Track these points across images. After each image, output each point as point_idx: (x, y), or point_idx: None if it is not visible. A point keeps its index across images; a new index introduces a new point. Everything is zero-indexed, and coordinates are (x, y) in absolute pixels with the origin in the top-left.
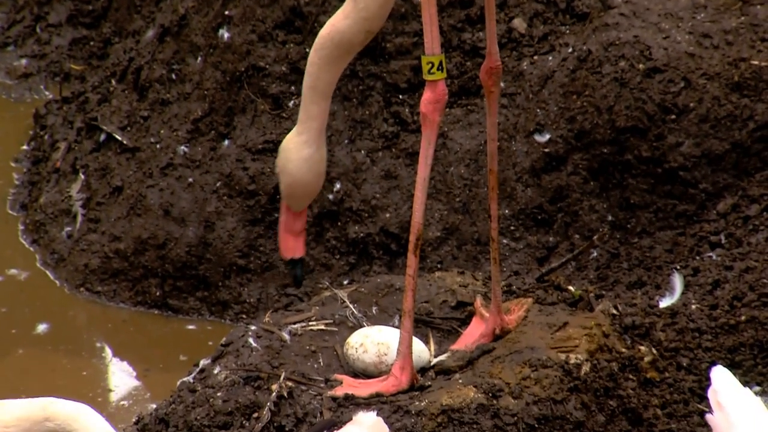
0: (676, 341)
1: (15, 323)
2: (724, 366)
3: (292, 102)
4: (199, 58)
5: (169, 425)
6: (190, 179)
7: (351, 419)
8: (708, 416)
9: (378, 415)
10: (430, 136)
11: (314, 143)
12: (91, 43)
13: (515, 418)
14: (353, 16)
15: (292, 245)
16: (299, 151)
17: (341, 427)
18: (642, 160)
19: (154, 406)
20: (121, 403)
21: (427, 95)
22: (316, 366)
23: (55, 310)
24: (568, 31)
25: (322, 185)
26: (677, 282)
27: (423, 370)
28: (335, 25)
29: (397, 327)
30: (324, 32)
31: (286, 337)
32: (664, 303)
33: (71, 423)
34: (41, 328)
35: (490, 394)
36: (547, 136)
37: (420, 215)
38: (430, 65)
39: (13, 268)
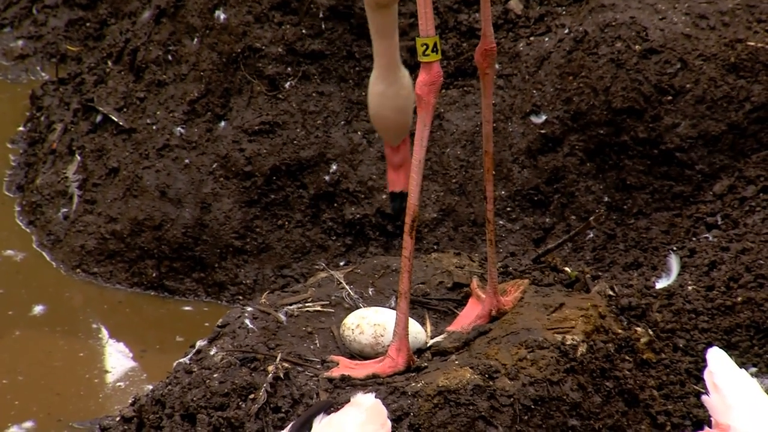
0: (673, 322)
1: (11, 305)
2: (721, 347)
3: (288, 83)
4: (196, 40)
5: (165, 406)
6: (187, 160)
7: (347, 400)
8: (704, 398)
9: (376, 397)
10: (425, 117)
11: (385, 79)
12: (88, 24)
13: (511, 399)
14: None
15: (393, 178)
16: (373, 87)
17: (338, 408)
18: (638, 141)
19: (151, 387)
20: (118, 384)
21: (422, 77)
22: (312, 347)
23: (52, 291)
24: (564, 12)
25: (399, 125)
26: (674, 263)
27: (419, 352)
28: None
29: (393, 308)
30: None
31: (283, 318)
32: (661, 284)
33: None
34: (37, 309)
35: (487, 376)
36: (544, 118)
37: (416, 197)
38: (425, 47)
39: (10, 249)
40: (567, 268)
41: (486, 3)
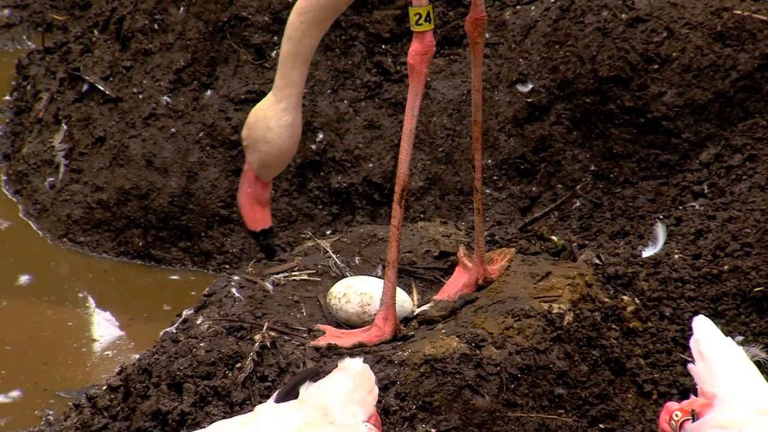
0: (659, 291)
1: None
2: (707, 315)
3: (274, 52)
4: (182, 8)
5: (152, 375)
6: (173, 129)
7: (335, 368)
8: (690, 366)
9: (364, 362)
10: (417, 87)
11: (294, 109)
12: None
13: (498, 367)
14: None
15: (261, 216)
16: (280, 119)
17: (322, 376)
18: (625, 109)
19: (138, 356)
20: (106, 353)
21: (414, 46)
22: (299, 316)
23: (38, 260)
24: None
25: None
26: (660, 232)
27: (406, 320)
28: None
29: (380, 277)
30: None
31: (269, 287)
32: (647, 253)
33: None
34: (24, 279)
35: (473, 344)
36: (530, 86)
37: (406, 166)
38: (418, 16)
39: None
40: (553, 237)
41: None
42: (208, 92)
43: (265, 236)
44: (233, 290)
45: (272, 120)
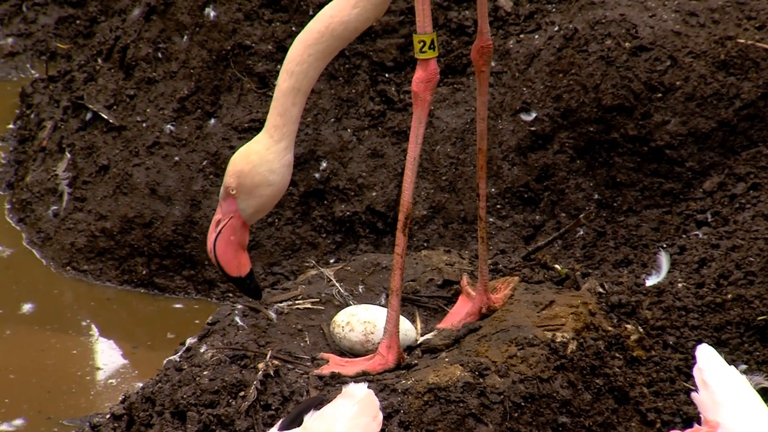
0: (663, 319)
1: (1, 303)
2: (711, 344)
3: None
4: (185, 37)
5: (155, 404)
6: (177, 158)
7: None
8: (694, 395)
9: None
10: (421, 115)
11: (292, 146)
12: (77, 21)
13: (501, 396)
14: (363, 3)
15: (245, 260)
16: (281, 159)
17: (326, 404)
18: (628, 138)
19: (141, 384)
20: (109, 381)
21: (418, 74)
22: (302, 345)
23: (41, 289)
24: (554, 10)
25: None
26: (663, 260)
27: (409, 349)
28: (338, 16)
29: (383, 306)
30: (320, 26)
31: (273, 315)
32: (651, 281)
33: None
34: (27, 307)
35: (477, 373)
36: (534, 115)
37: (409, 195)
38: (422, 44)
39: None
40: (557, 266)
41: (482, 1)
42: (212, 121)
43: (251, 279)
44: (237, 319)
45: (274, 162)
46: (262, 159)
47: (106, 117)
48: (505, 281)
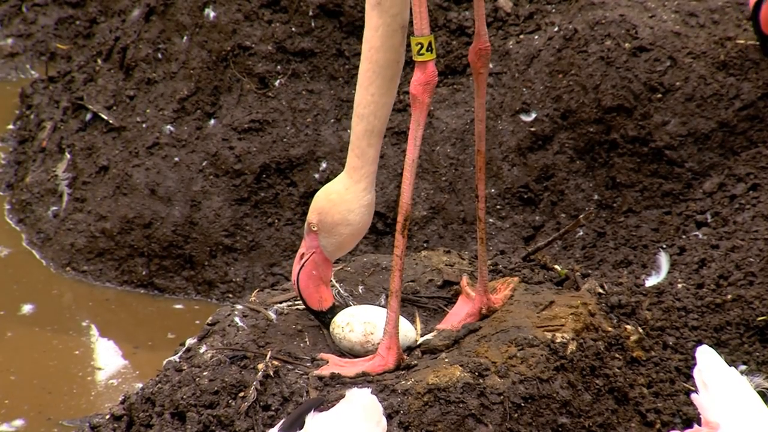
0: (662, 320)
1: (1, 304)
2: (710, 345)
3: (277, 81)
4: (185, 38)
5: (155, 404)
6: (176, 158)
7: (337, 399)
8: (694, 396)
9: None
10: (419, 117)
11: (372, 187)
12: (77, 22)
13: (501, 397)
14: (383, 20)
15: (327, 295)
16: (361, 200)
17: (329, 406)
18: (628, 139)
19: (141, 385)
20: (110, 381)
21: (416, 76)
22: (302, 345)
23: (41, 289)
24: (554, 10)
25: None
26: (663, 261)
27: (409, 350)
28: (370, 46)
29: (383, 306)
30: (365, 64)
31: (273, 316)
32: (651, 282)
33: None
34: (27, 308)
35: (476, 373)
36: (533, 116)
37: (408, 196)
38: (420, 46)
39: None
40: (557, 266)
41: (480, 2)
42: (212, 121)
43: (332, 313)
44: (236, 319)
45: (353, 202)
46: (341, 198)
47: (105, 117)
48: (505, 282)
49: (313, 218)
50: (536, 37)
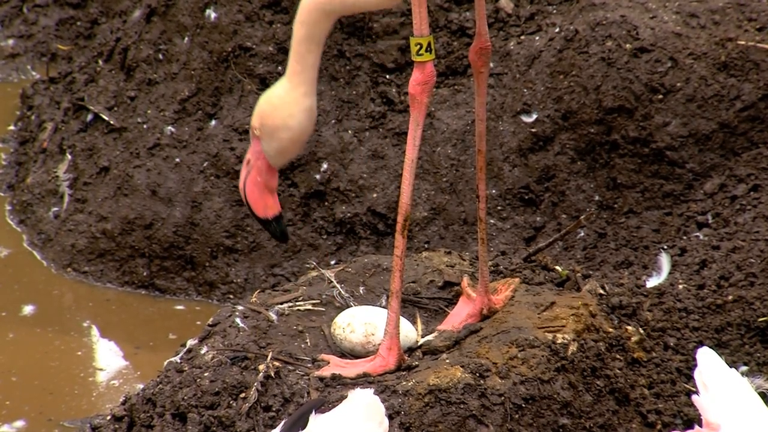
0: (663, 321)
1: (1, 304)
2: (711, 346)
3: None
4: (186, 39)
5: (156, 405)
6: (177, 159)
7: (338, 399)
8: (694, 397)
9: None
10: (418, 117)
11: (312, 93)
12: (78, 23)
13: (502, 397)
14: None
15: (272, 203)
16: (301, 104)
17: (330, 407)
18: (629, 140)
19: (142, 386)
20: (112, 382)
21: (415, 76)
22: (303, 346)
23: (42, 290)
24: (555, 11)
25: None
26: (664, 262)
27: (410, 350)
28: None
29: (384, 307)
30: None
31: (273, 317)
32: (651, 283)
33: None
34: (28, 309)
35: (477, 374)
36: (534, 116)
37: (408, 196)
38: (419, 46)
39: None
40: (558, 267)
41: (480, 2)
42: (213, 122)
43: (277, 222)
44: (237, 320)
45: (293, 106)
46: (282, 102)
47: (106, 118)
48: (506, 282)
49: (255, 122)
50: (537, 37)
